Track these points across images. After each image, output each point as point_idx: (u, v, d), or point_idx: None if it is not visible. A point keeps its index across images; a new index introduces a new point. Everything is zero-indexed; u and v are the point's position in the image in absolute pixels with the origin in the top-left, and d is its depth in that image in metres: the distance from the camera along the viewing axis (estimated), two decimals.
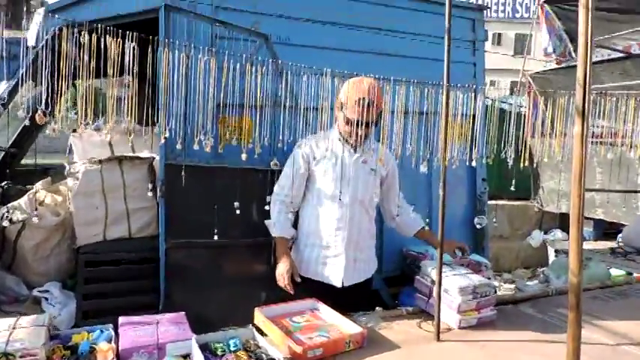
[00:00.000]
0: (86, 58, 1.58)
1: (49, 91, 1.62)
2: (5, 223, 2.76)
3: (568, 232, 1.44)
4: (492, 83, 28.36)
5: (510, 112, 2.53)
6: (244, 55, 2.32)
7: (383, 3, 3.31)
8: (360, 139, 2.38)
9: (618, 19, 5.17)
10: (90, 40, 1.59)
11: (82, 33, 1.59)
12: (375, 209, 2.59)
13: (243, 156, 2.18)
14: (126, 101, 1.91)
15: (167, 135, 2.10)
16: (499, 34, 27.34)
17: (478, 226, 3.55)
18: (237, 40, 2.85)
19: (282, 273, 2.36)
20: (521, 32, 22.72)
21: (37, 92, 1.72)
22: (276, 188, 2.53)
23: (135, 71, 1.73)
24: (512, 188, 2.65)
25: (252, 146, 2.24)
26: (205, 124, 2.12)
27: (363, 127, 2.29)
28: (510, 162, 2.33)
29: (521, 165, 2.36)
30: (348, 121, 2.34)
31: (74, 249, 2.93)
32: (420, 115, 2.32)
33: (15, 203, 2.89)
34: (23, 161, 4.28)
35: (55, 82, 1.81)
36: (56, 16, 2.59)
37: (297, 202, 2.52)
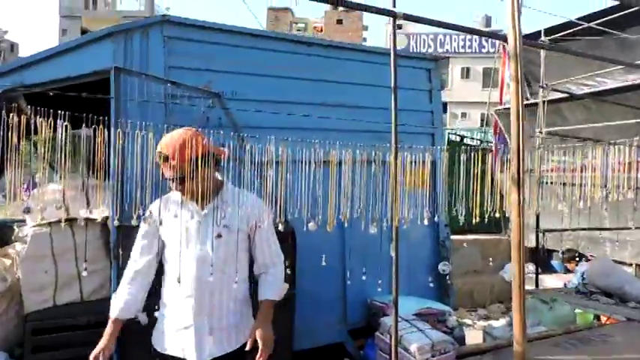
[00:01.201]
0: (15, 139, 1.54)
1: None
2: None
3: (538, 266, 1.43)
4: (464, 115, 29.27)
5: (475, 148, 2.52)
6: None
7: (333, 56, 3.40)
8: (198, 194, 2.07)
9: (571, 64, 5.41)
10: (19, 121, 1.56)
11: (10, 114, 1.55)
12: (244, 268, 2.26)
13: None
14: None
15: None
16: (467, 69, 28.37)
17: (442, 272, 3.55)
18: (191, 98, 2.87)
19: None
20: (488, 66, 23.56)
21: None
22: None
23: (67, 150, 1.70)
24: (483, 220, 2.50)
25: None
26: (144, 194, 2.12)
27: (179, 183, 2.08)
28: (463, 218, 2.34)
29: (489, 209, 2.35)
30: (169, 180, 2.14)
31: (22, 316, 2.80)
32: (370, 166, 2.34)
33: None
34: None
35: None
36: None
37: (146, 272, 2.22)
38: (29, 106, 2.89)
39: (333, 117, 2.95)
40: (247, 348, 2.09)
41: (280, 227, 2.19)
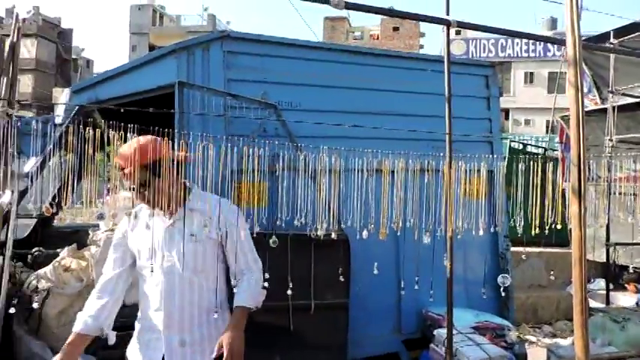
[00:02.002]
0: (90, 151, 1.69)
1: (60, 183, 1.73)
2: (31, 294, 2.88)
3: (609, 282, 1.37)
4: (527, 122, 28.04)
5: (537, 156, 2.41)
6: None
7: (388, 65, 3.40)
8: (157, 203, 2.00)
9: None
10: (94, 135, 1.71)
11: (87, 128, 1.70)
12: (218, 278, 2.15)
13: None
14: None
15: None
16: (531, 73, 27.16)
17: (501, 285, 3.43)
18: (249, 109, 2.98)
19: None
20: (554, 70, 22.46)
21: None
22: None
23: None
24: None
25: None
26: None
27: (134, 192, 2.01)
28: (521, 229, 2.26)
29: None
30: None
31: None
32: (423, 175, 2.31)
33: (41, 271, 3.02)
34: (57, 223, 4.49)
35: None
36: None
37: (114, 286, 2.13)
38: (103, 120, 3.13)
39: (388, 126, 2.95)
40: (213, 356, 1.94)
41: (333, 235, 2.21)
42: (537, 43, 25.75)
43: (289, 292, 2.14)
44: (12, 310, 2.41)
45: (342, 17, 39.55)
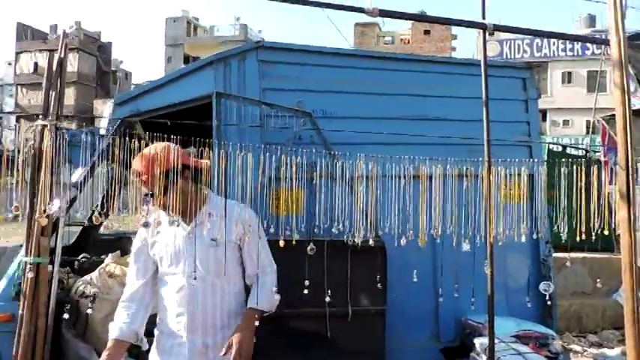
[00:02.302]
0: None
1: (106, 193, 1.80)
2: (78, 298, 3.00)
3: None
4: (566, 122, 27.16)
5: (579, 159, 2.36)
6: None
7: (422, 70, 3.38)
8: (176, 210, 2.05)
9: None
10: (139, 146, 1.77)
11: (131, 139, 1.77)
12: (238, 281, 2.23)
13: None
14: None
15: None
16: (569, 73, 26.30)
17: (544, 293, 3.33)
18: (284, 118, 3.02)
19: None
20: (593, 69, 21.70)
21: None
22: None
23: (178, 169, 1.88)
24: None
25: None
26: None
27: (153, 199, 2.07)
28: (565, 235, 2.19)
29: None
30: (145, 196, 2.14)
31: None
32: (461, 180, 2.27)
33: (87, 277, 3.15)
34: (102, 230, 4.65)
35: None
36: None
37: (142, 295, 2.21)
38: (144, 131, 3.24)
39: (423, 131, 2.93)
40: (221, 354, 1.99)
41: (371, 242, 2.20)
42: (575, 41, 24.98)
43: (327, 299, 2.15)
44: (65, 316, 2.53)
45: (372, 22, 39.49)
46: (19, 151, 2.61)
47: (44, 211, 2.52)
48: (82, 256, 3.70)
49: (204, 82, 3.07)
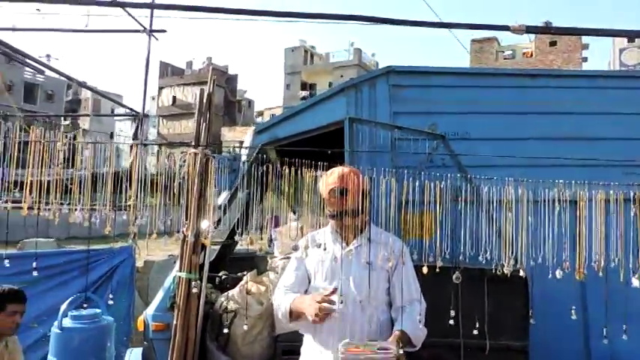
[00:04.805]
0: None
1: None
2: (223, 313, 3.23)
3: None
4: None
5: None
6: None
7: (563, 85, 3.12)
8: (348, 230, 2.19)
9: None
10: (289, 171, 1.88)
11: (283, 166, 1.89)
12: (386, 306, 2.24)
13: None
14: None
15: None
16: None
17: None
18: (416, 141, 3.00)
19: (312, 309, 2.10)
20: None
21: None
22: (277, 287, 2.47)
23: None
24: None
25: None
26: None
27: (347, 217, 2.17)
28: None
29: None
30: (330, 215, 2.25)
31: (274, 337, 3.24)
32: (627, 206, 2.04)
33: (229, 293, 3.38)
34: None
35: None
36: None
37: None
38: (278, 157, 3.44)
39: (572, 151, 2.68)
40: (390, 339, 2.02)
41: (522, 273, 2.05)
42: None
43: (475, 331, 2.04)
44: (225, 331, 2.75)
45: (491, 37, 37.83)
46: (160, 174, 2.92)
47: (197, 231, 2.78)
48: (222, 272, 4.00)
49: (336, 109, 3.18)
